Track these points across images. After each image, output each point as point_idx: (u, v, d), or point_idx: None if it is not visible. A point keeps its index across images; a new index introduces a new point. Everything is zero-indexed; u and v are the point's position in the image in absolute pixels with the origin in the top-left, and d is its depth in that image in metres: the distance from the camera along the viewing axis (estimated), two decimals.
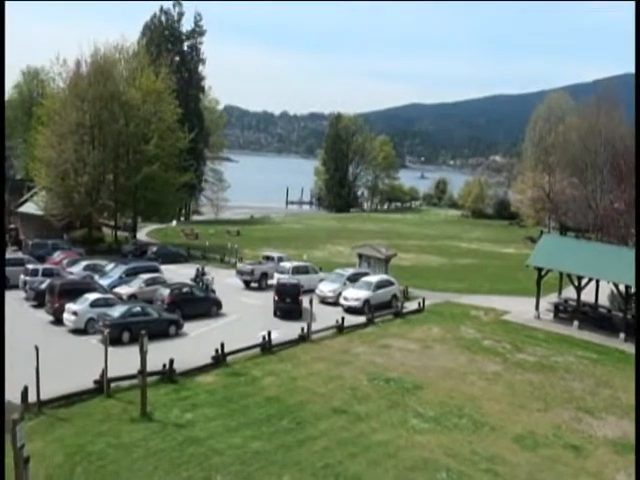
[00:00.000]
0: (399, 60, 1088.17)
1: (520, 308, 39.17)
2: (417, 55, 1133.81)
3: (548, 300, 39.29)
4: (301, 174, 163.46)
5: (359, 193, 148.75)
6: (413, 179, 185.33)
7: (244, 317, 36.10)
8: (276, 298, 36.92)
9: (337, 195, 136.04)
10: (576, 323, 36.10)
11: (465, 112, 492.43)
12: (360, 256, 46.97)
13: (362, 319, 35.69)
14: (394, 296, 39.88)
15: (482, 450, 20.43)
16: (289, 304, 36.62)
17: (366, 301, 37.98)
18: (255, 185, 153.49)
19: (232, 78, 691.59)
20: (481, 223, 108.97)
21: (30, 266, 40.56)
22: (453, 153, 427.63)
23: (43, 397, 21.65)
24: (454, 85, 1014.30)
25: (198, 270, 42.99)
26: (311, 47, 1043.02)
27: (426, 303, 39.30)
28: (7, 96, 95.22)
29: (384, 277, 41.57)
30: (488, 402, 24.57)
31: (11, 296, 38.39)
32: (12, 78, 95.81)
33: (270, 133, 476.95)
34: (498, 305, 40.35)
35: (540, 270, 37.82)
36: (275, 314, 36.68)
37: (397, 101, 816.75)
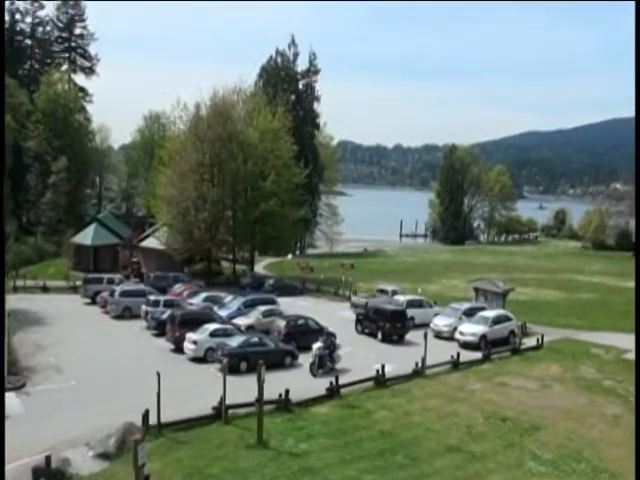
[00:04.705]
0: (515, 87, 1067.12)
1: None
2: (534, 81, 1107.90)
3: None
4: (415, 207, 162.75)
5: (475, 225, 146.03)
6: (531, 210, 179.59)
7: (357, 350, 36.27)
8: (381, 324, 38.83)
9: (452, 227, 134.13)
10: None
11: (584, 138, 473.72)
12: (476, 290, 46.13)
13: (478, 355, 34.96)
14: (512, 332, 38.80)
15: None
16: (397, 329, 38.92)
17: (483, 336, 37.21)
18: (369, 218, 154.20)
19: (345, 113, 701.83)
20: (602, 255, 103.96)
21: (152, 297, 42.65)
22: (572, 182, 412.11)
23: (163, 420, 22.63)
24: (572, 110, 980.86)
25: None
26: (423, 79, 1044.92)
27: (545, 340, 37.93)
28: (130, 139, 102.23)
29: (501, 312, 40.58)
30: (608, 447, 23.42)
31: (133, 325, 40.76)
32: (135, 123, 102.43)
33: (383, 166, 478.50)
34: (619, 343, 38.24)
35: None
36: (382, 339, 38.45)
37: (514, 129, 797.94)
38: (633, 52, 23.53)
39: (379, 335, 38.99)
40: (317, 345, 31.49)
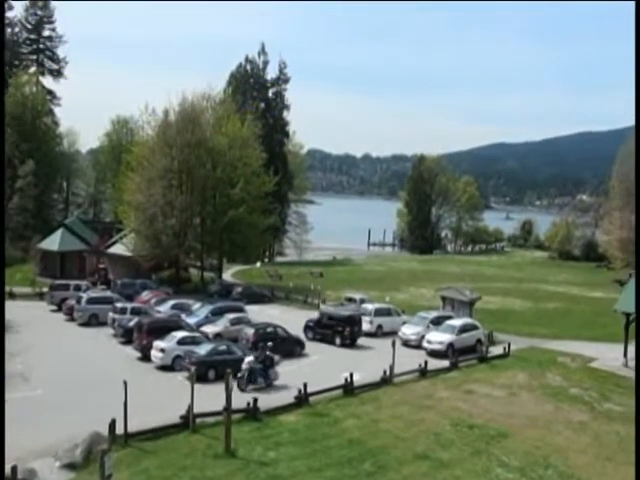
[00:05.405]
0: (484, 100, 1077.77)
1: (608, 355, 37.64)
2: (504, 93, 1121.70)
3: None
4: (383, 216, 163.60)
5: (442, 235, 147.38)
6: (498, 220, 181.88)
7: (325, 358, 36.37)
8: (339, 329, 39.37)
9: (420, 237, 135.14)
10: None
11: (552, 150, 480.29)
12: (444, 299, 46.53)
13: (445, 363, 35.20)
14: (478, 340, 39.20)
15: None
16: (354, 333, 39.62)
17: (450, 345, 37.51)
18: (337, 227, 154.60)
19: (315, 122, 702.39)
20: (568, 265, 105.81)
21: (119, 304, 42.21)
22: (539, 193, 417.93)
23: (130, 430, 22.31)
24: (541, 123, 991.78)
25: None
26: (394, 89, 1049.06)
27: (511, 348, 38.38)
28: (98, 143, 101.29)
29: (468, 321, 40.98)
30: (574, 453, 23.66)
31: (100, 333, 40.27)
32: (103, 127, 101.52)
33: (352, 175, 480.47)
34: (585, 351, 38.95)
35: (628, 315, 36.09)
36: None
37: (482, 140, 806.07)
38: (631, 55, 23.84)
39: (337, 340, 39.40)
40: (248, 359, 29.80)
